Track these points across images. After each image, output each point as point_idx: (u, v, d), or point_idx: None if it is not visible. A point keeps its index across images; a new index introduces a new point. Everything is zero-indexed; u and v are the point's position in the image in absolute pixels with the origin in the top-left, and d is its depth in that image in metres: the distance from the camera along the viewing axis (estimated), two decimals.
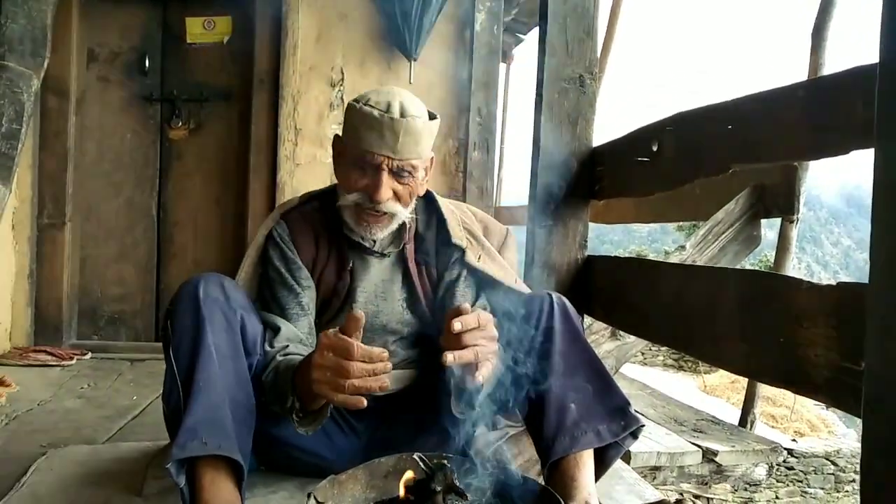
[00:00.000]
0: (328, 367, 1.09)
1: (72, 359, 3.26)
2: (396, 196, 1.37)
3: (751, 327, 1.29)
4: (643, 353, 9.09)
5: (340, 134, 1.43)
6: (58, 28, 3.18)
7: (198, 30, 3.71)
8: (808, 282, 1.13)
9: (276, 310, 1.42)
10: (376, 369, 1.09)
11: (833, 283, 1.06)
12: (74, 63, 3.53)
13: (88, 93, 3.66)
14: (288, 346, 1.35)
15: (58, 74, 3.37)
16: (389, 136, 1.30)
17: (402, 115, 1.31)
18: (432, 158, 1.45)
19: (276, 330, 1.38)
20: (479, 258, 1.48)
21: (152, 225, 3.74)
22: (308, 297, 1.44)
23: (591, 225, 2.15)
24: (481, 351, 1.17)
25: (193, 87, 3.71)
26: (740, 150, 1.35)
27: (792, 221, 2.57)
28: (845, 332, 1.01)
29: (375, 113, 1.30)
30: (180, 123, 3.70)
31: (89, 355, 3.40)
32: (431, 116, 1.40)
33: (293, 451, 1.44)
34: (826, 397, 1.08)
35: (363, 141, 1.33)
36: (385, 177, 1.33)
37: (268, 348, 1.35)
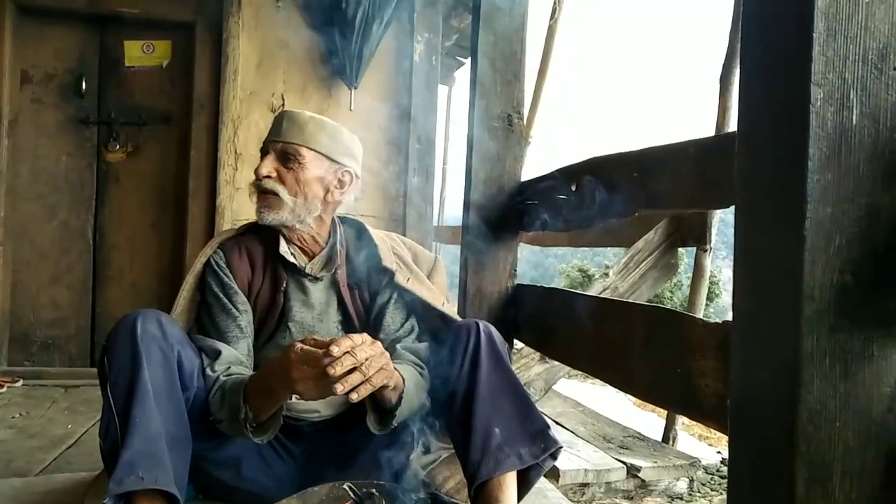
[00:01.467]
0: (310, 379, 1.20)
1: (2, 386, 3.18)
2: (281, 179, 1.49)
3: (655, 358, 1.42)
4: None
5: None
6: None
7: (136, 53, 3.71)
8: (701, 319, 1.26)
9: (214, 334, 1.48)
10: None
11: (719, 321, 1.19)
12: (7, 84, 3.48)
13: (22, 115, 3.60)
14: (230, 367, 1.42)
15: None
16: (278, 125, 1.51)
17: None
18: (350, 174, 1.54)
19: (216, 354, 1.44)
20: (408, 280, 1.57)
21: (88, 248, 3.69)
22: (245, 321, 1.51)
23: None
24: (368, 366, 1.20)
25: (131, 110, 3.69)
26: (644, 197, 1.49)
27: (705, 250, 2.77)
28: (726, 364, 1.14)
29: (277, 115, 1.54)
30: (118, 146, 3.67)
31: (21, 382, 3.33)
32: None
33: (231, 477, 1.48)
34: (714, 423, 1.21)
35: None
36: (270, 157, 1.50)
37: (209, 372, 1.41)
